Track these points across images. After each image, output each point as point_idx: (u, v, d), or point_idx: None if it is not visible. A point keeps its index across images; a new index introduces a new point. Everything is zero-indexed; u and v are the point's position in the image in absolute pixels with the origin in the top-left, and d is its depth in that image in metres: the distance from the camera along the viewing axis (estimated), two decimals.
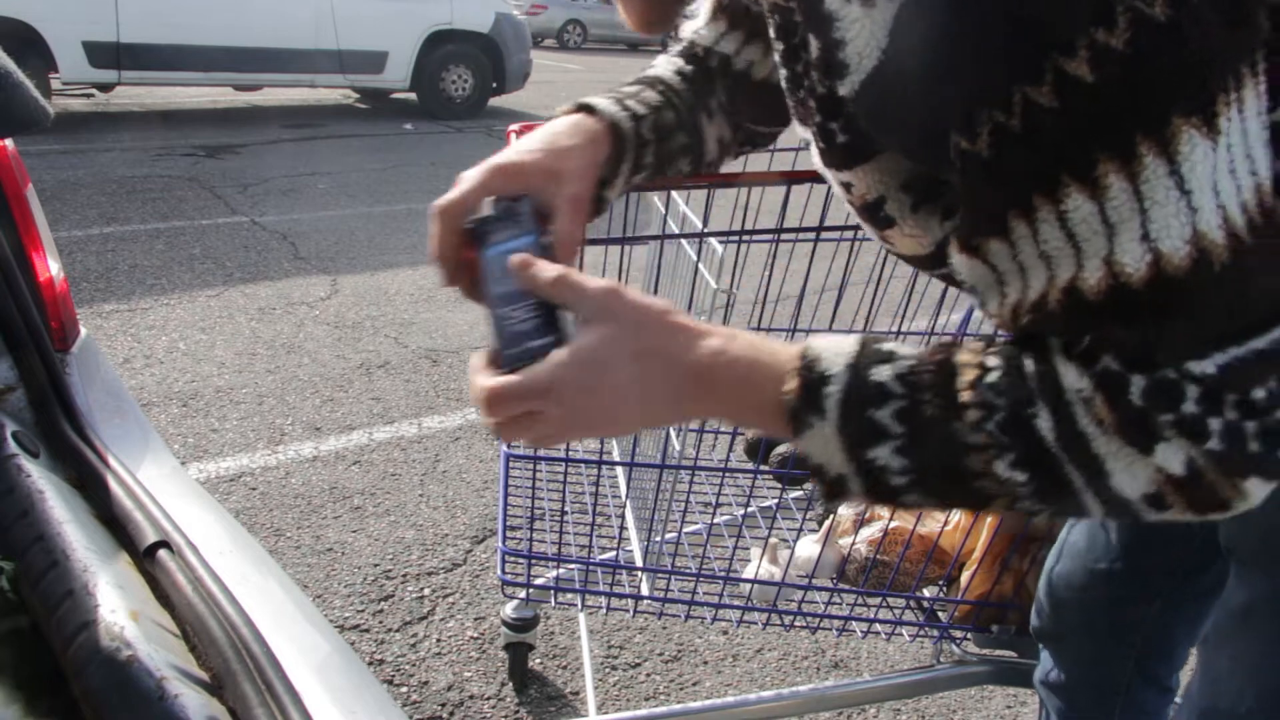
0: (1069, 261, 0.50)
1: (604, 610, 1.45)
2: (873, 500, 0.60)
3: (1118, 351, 0.51)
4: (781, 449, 1.66)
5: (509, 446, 1.38)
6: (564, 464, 1.43)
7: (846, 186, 0.68)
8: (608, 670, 1.93)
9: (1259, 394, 0.50)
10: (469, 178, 0.73)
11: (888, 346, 0.59)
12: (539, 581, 1.49)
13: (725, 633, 2.05)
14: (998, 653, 1.46)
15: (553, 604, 1.93)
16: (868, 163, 0.64)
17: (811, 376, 0.58)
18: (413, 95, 8.63)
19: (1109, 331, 0.51)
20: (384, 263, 4.44)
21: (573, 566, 1.49)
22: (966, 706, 1.90)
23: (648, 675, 1.93)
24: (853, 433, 0.57)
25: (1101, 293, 0.49)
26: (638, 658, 1.97)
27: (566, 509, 1.55)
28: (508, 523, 1.38)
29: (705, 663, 1.97)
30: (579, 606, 1.53)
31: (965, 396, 0.55)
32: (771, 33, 0.70)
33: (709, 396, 0.61)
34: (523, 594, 1.73)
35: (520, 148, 0.75)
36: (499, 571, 1.37)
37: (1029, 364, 0.54)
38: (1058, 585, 1.11)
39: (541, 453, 1.43)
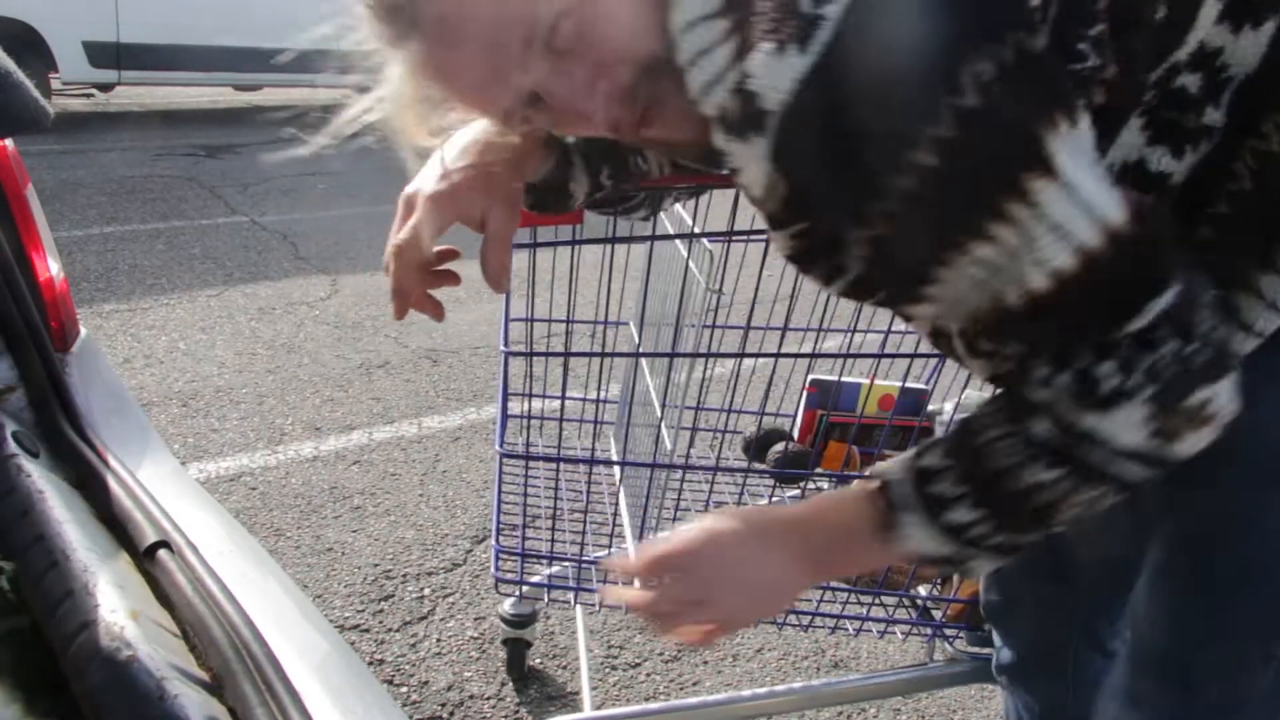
0: (994, 287, 0.63)
1: (597, 608, 1.45)
2: (989, 557, 0.73)
3: (1046, 358, 0.65)
4: (778, 448, 1.66)
5: (501, 445, 1.39)
6: (557, 463, 1.44)
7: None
8: (608, 670, 1.94)
9: (1168, 345, 0.63)
10: (418, 217, 0.85)
11: (931, 440, 0.74)
12: (533, 579, 1.49)
13: None
14: (990, 651, 1.47)
15: (546, 602, 1.94)
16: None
17: (882, 483, 0.74)
18: None
19: (1038, 334, 0.65)
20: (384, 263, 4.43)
21: (566, 564, 1.50)
22: (966, 706, 1.90)
23: (647, 675, 1.93)
24: (930, 510, 0.71)
25: (1024, 305, 0.63)
26: (638, 658, 1.98)
27: (560, 508, 1.56)
28: (502, 521, 1.39)
29: (705, 663, 1.97)
30: (572, 604, 1.54)
31: (990, 435, 0.70)
32: None
33: (811, 536, 0.76)
34: (517, 592, 1.74)
35: (448, 167, 0.84)
36: (493, 569, 1.38)
37: (1012, 393, 0.69)
38: None
39: (536, 450, 1.44)
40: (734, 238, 1.13)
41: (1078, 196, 0.60)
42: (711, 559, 0.75)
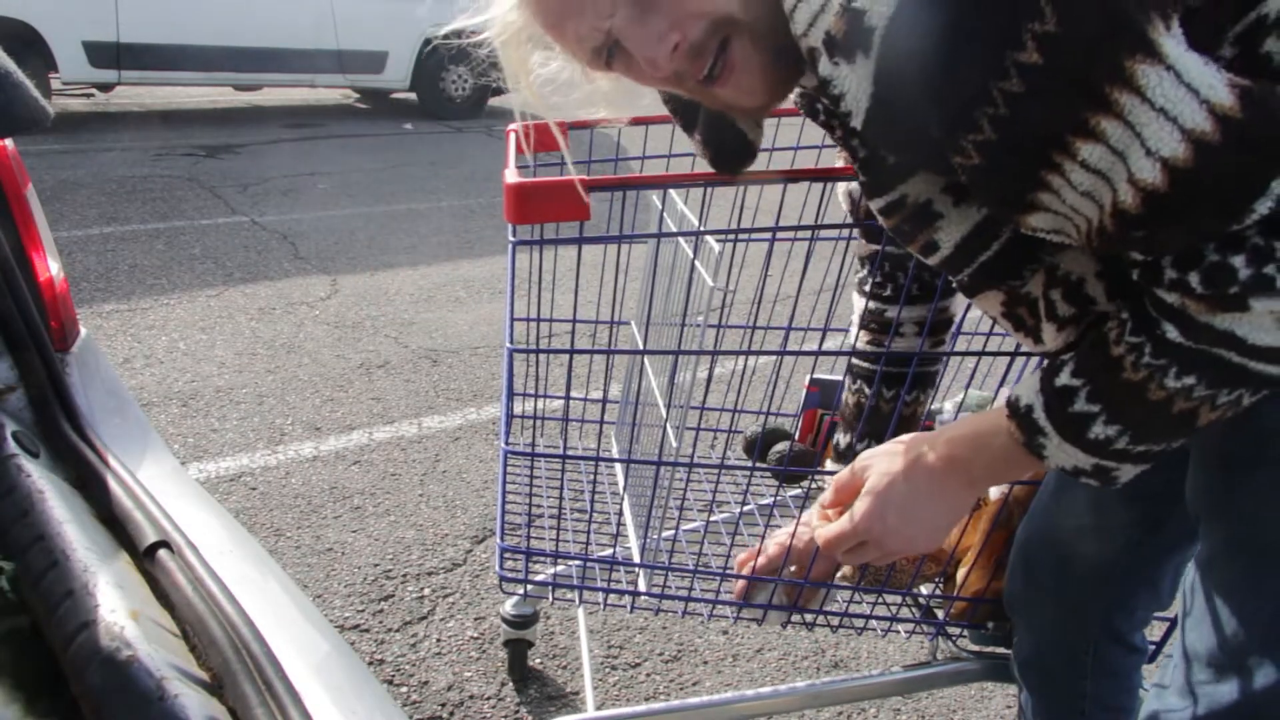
0: (1105, 191, 0.62)
1: (601, 607, 1.45)
2: (1136, 464, 0.75)
3: (1171, 256, 0.64)
4: (779, 447, 1.66)
5: (506, 442, 1.39)
6: (562, 461, 1.43)
7: (896, 203, 0.81)
8: (608, 670, 1.93)
9: None
10: None
11: (1059, 360, 0.76)
12: (537, 578, 1.49)
13: (725, 633, 2.06)
14: (994, 650, 1.47)
15: (550, 600, 1.94)
16: (911, 178, 0.78)
17: (1020, 410, 0.78)
18: (413, 95, 8.63)
19: (1159, 234, 0.63)
20: (384, 263, 4.44)
21: (571, 563, 1.49)
22: (966, 706, 1.90)
23: (648, 675, 1.93)
24: (1070, 430, 0.74)
25: (1140, 204, 0.61)
26: (638, 658, 1.97)
27: (564, 506, 1.56)
28: (506, 520, 1.39)
29: (705, 663, 1.97)
30: (576, 603, 1.54)
31: (1117, 351, 0.70)
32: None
33: (970, 470, 0.83)
34: (521, 590, 1.73)
35: None
36: (497, 568, 1.37)
37: (1138, 300, 0.68)
38: (1030, 545, 1.19)
39: (540, 449, 1.44)
40: (739, 236, 1.12)
41: (1183, 78, 0.59)
42: (892, 532, 0.85)
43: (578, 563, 1.48)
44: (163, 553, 0.83)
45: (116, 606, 0.71)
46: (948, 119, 0.64)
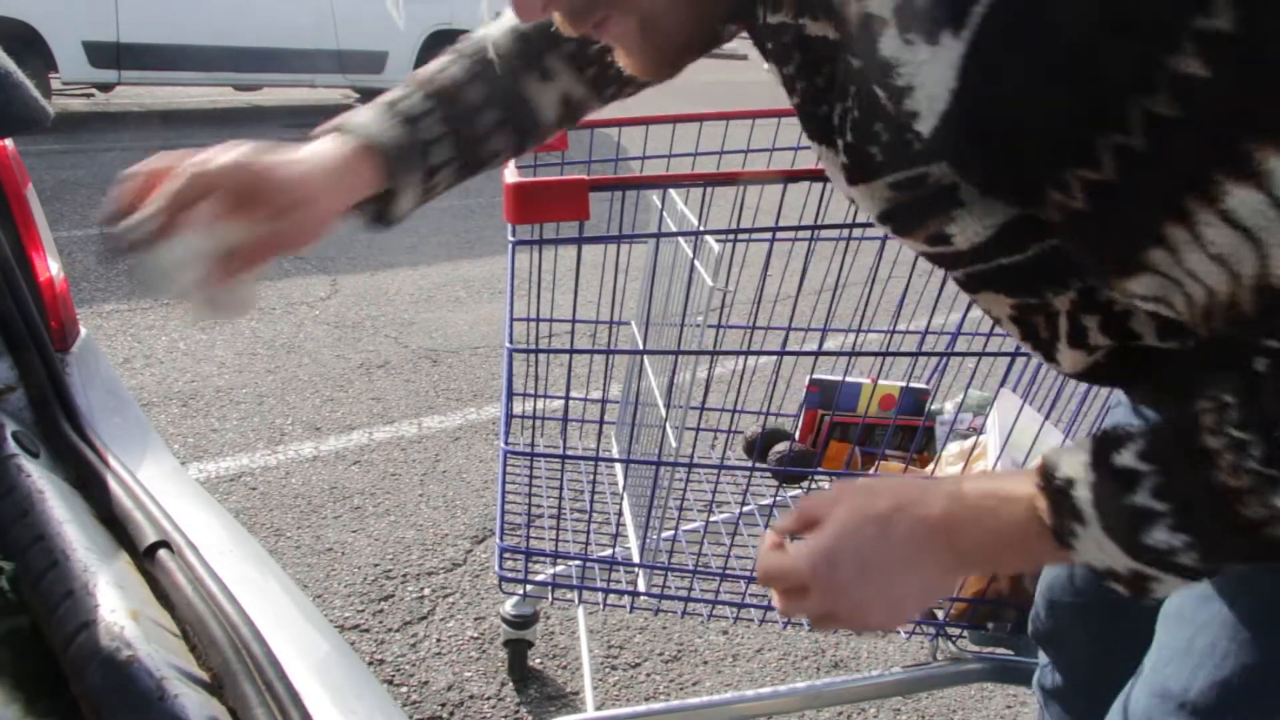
0: (1249, 256, 0.46)
1: (601, 607, 1.45)
2: (1178, 578, 0.56)
3: None
4: (779, 447, 1.66)
5: (506, 442, 1.39)
6: (561, 461, 1.44)
7: (912, 181, 0.62)
8: (608, 670, 1.93)
9: None
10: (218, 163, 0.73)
11: (1122, 432, 0.57)
12: (537, 578, 1.49)
13: (725, 633, 2.06)
14: (993, 650, 1.47)
15: (550, 600, 1.94)
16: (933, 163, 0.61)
17: (1056, 484, 0.58)
18: None
19: None
20: (384, 263, 4.44)
21: (570, 563, 1.50)
22: (966, 706, 1.90)
23: (648, 675, 1.93)
24: (1120, 525, 0.55)
25: None
26: (638, 658, 1.97)
27: (564, 506, 1.56)
28: (506, 519, 1.39)
29: (705, 663, 1.97)
30: (576, 603, 1.54)
31: (1212, 443, 0.51)
32: (768, 52, 0.70)
33: (961, 539, 0.62)
34: (521, 590, 1.73)
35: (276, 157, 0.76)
36: (497, 568, 1.38)
37: (1250, 378, 0.50)
38: (1054, 589, 1.12)
39: (539, 449, 1.44)
40: (739, 236, 1.13)
41: None
42: (841, 588, 0.64)
43: (577, 563, 1.48)
44: (163, 553, 0.83)
45: (116, 606, 0.71)
46: (1058, 145, 0.48)
